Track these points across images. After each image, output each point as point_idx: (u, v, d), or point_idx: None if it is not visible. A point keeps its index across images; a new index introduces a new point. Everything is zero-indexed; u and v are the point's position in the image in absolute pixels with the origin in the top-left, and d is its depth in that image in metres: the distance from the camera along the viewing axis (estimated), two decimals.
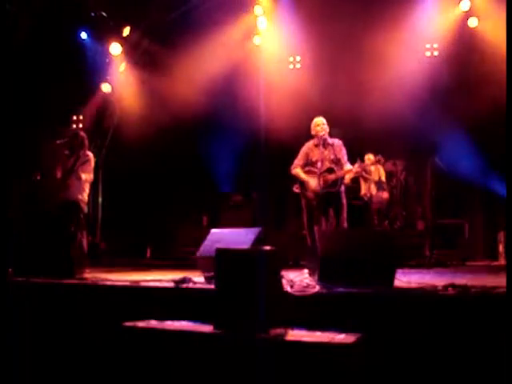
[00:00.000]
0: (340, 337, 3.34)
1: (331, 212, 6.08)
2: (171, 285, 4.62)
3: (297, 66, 10.56)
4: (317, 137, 6.16)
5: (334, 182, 6.04)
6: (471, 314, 3.59)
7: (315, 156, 6.13)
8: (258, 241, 5.01)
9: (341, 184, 6.12)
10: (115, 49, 10.29)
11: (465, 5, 9.33)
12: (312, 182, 6.04)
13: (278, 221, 10.38)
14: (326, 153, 6.10)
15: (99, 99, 10.83)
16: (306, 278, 4.93)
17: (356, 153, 6.90)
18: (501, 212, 8.85)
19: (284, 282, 4.05)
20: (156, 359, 3.61)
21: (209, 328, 3.59)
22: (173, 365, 3.57)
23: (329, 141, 6.19)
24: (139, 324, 3.85)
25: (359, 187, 8.82)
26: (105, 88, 10.68)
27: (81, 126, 10.42)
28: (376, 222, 8.61)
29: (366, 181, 8.75)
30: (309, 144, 6.30)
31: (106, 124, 11.29)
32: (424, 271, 6.86)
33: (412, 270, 6.62)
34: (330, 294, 4.02)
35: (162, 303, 4.34)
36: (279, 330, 3.47)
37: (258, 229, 5.31)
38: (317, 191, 5.96)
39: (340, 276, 4.25)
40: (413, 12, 9.21)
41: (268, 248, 3.64)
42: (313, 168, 6.11)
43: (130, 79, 10.76)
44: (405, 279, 4.66)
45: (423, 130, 9.09)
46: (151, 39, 10.61)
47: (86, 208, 6.79)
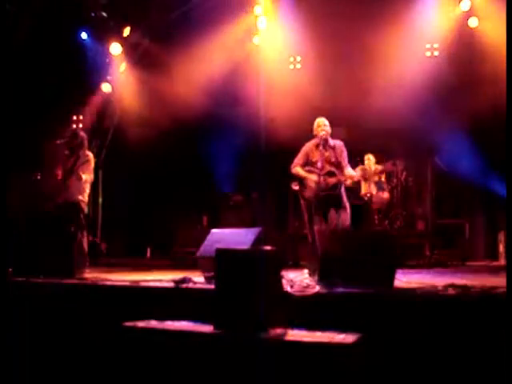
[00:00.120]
0: (340, 337, 3.34)
1: (332, 213, 6.06)
2: (171, 285, 4.62)
3: (297, 66, 10.54)
4: (318, 137, 6.15)
5: (335, 186, 6.03)
6: (471, 314, 3.58)
7: (315, 156, 6.11)
8: (258, 241, 5.00)
9: (341, 187, 6.11)
10: (115, 49, 10.29)
11: (465, 5, 9.31)
12: (312, 178, 6.02)
13: (278, 221, 10.37)
14: (327, 154, 6.08)
15: (99, 99, 10.81)
16: (306, 278, 4.93)
17: (356, 153, 6.90)
18: (501, 212, 8.83)
19: (284, 282, 4.04)
20: (156, 359, 3.61)
21: (209, 328, 3.59)
22: (173, 365, 3.57)
23: (330, 142, 6.17)
24: (139, 324, 3.85)
25: (359, 187, 8.82)
26: (105, 88, 10.68)
27: (81, 126, 10.39)
28: (376, 222, 8.61)
29: (367, 181, 8.75)
30: (309, 144, 6.28)
31: (106, 124, 11.28)
32: (424, 271, 6.86)
33: (412, 270, 6.61)
34: (330, 294, 4.02)
35: (162, 303, 4.34)
36: (279, 330, 3.47)
37: (258, 229, 5.29)
38: (316, 193, 5.94)
39: (340, 276, 4.25)
40: (413, 12, 9.19)
41: (268, 248, 3.65)
42: (313, 168, 6.10)
43: (130, 79, 10.74)
44: (405, 279, 4.67)
45: (423, 130, 9.08)
46: (151, 39, 10.60)
47: (86, 208, 6.79)
